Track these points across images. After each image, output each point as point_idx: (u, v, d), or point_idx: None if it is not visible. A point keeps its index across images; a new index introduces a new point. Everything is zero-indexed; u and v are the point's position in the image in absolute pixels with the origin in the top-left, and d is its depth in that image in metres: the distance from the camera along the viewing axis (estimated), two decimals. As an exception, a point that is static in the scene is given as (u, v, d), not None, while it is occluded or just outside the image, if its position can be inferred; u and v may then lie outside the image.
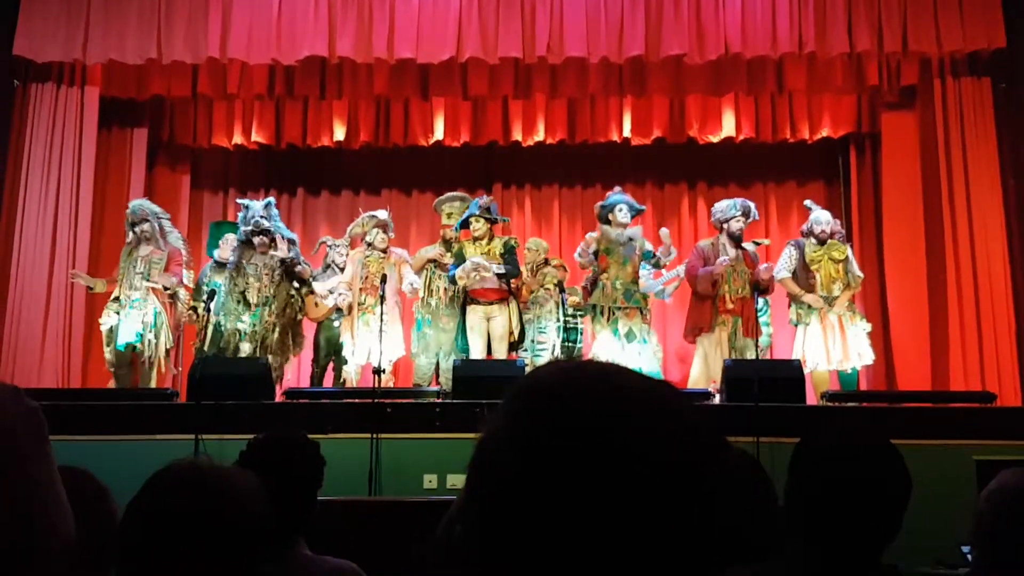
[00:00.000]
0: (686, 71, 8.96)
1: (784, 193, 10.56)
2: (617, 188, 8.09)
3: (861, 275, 7.84)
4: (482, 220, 7.81)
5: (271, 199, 8.10)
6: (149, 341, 7.49)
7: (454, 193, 8.46)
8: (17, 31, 8.42)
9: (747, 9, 8.48)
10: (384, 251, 7.82)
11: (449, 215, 8.25)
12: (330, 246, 8.62)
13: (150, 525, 1.38)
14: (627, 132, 9.85)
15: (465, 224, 7.93)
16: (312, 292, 7.95)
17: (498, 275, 7.62)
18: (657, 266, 7.97)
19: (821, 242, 7.70)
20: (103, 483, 1.72)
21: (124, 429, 6.20)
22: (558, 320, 8.20)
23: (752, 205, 7.95)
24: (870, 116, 9.86)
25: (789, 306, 7.81)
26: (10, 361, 8.14)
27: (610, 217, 7.78)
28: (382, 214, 7.97)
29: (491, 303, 7.71)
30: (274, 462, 2.27)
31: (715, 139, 9.84)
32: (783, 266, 7.72)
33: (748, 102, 9.82)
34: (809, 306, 7.57)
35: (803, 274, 7.67)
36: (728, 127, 9.77)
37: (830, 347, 7.48)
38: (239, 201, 8.24)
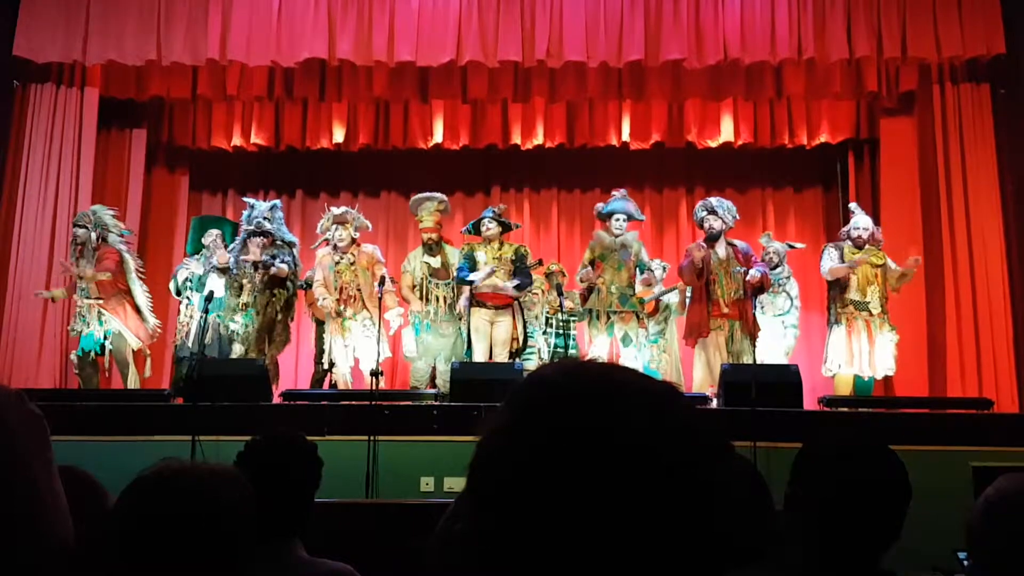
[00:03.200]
0: (685, 76, 8.96)
1: (782, 198, 10.57)
2: (622, 191, 8.03)
3: (898, 270, 7.76)
4: (495, 222, 7.82)
5: (277, 202, 8.06)
6: (108, 349, 7.54)
7: (422, 194, 8.36)
8: (17, 31, 8.42)
9: (746, 14, 8.49)
10: (347, 249, 7.73)
11: (421, 219, 8.23)
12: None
13: (131, 526, 1.38)
14: (626, 136, 9.86)
15: (476, 228, 7.93)
16: (299, 288, 7.95)
17: (516, 288, 7.67)
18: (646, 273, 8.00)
19: (858, 246, 7.69)
20: (100, 483, 1.72)
21: (121, 430, 6.21)
22: (548, 325, 8.21)
23: (713, 201, 7.86)
24: (869, 122, 9.87)
25: (828, 308, 7.81)
26: (8, 361, 8.15)
27: (606, 224, 7.83)
28: (338, 210, 7.89)
29: (498, 308, 7.73)
30: (272, 463, 2.26)
31: (713, 144, 9.85)
32: (826, 263, 7.71)
33: (747, 107, 9.83)
34: (845, 304, 7.56)
35: (830, 279, 7.68)
36: (727, 132, 9.78)
37: (855, 352, 7.49)
38: (246, 199, 8.21)
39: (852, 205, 8.23)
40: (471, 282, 7.62)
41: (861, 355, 7.49)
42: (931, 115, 8.75)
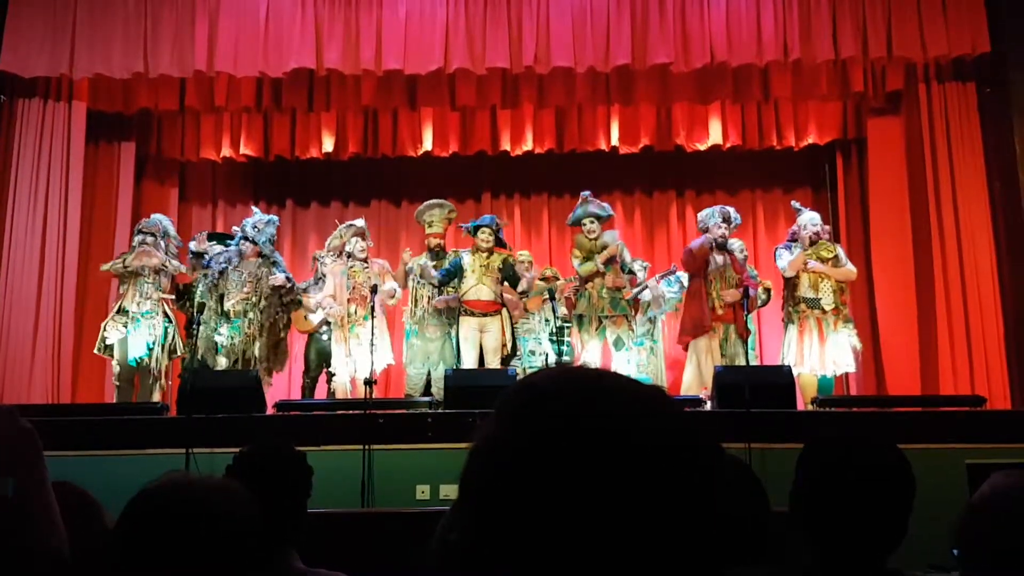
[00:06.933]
0: (672, 79, 8.98)
1: (771, 200, 10.61)
2: (583, 194, 8.14)
3: (854, 269, 7.84)
4: (493, 236, 7.85)
5: (275, 218, 8.11)
6: (157, 357, 7.49)
7: (432, 200, 8.44)
8: (3, 46, 8.39)
9: (732, 17, 8.51)
10: (365, 260, 7.83)
11: (431, 224, 8.26)
12: (316, 258, 8.58)
13: (137, 539, 1.38)
14: (615, 141, 9.87)
15: (475, 231, 7.95)
16: (300, 306, 7.97)
17: (521, 294, 7.74)
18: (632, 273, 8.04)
19: (812, 243, 7.72)
20: (95, 498, 1.71)
21: (115, 444, 6.18)
22: (550, 332, 8.21)
23: (731, 210, 7.97)
24: (856, 122, 9.90)
25: (783, 307, 7.84)
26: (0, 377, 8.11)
27: (581, 232, 7.92)
28: (360, 222, 7.97)
29: (485, 315, 7.74)
30: (261, 473, 2.26)
31: (702, 147, 9.86)
32: (781, 260, 7.76)
33: (734, 110, 9.84)
34: (795, 306, 7.59)
35: (790, 275, 7.72)
36: (715, 135, 9.79)
37: (806, 352, 7.51)
38: (253, 208, 8.36)
39: (795, 204, 8.26)
40: (445, 277, 7.72)
41: (812, 354, 7.51)
42: (918, 114, 8.79)
